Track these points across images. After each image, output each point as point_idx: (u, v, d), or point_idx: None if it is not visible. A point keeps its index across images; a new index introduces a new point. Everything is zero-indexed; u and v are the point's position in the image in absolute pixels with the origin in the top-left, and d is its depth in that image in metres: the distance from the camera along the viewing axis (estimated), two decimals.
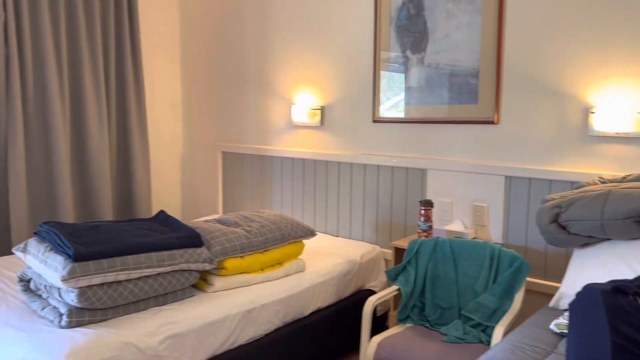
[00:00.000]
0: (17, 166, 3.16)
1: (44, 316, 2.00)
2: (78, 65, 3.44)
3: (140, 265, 2.05)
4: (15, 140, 3.15)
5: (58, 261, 1.93)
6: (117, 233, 2.16)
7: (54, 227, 2.09)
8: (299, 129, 3.54)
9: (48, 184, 3.36)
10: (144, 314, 2.07)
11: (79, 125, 3.50)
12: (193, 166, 4.27)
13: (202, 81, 4.11)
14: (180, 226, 2.39)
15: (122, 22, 3.64)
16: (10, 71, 3.12)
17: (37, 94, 3.28)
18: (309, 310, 2.60)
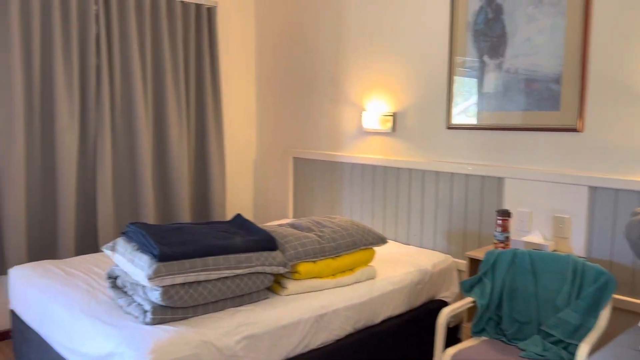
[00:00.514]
0: (105, 169, 3.36)
1: (130, 312, 2.11)
2: (161, 74, 3.62)
3: (219, 267, 2.13)
4: (103, 145, 3.35)
5: (144, 260, 2.03)
6: (198, 235, 2.24)
7: (141, 227, 2.20)
8: (369, 135, 3.53)
9: (132, 187, 3.55)
10: (222, 314, 2.14)
11: (161, 132, 3.67)
12: (265, 171, 4.37)
13: (275, 89, 4.20)
14: (256, 230, 2.45)
15: (201, 34, 3.80)
16: (100, 80, 3.32)
17: (124, 102, 3.48)
18: (380, 318, 2.59)
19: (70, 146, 3.22)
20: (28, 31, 3.04)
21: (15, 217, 3.02)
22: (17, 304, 2.66)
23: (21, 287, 2.61)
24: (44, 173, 3.20)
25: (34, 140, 3.13)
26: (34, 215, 3.17)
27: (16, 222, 3.03)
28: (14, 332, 2.72)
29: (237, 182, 4.34)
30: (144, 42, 3.51)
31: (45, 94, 3.16)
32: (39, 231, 3.21)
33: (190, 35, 3.75)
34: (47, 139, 3.19)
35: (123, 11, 3.40)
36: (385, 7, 3.37)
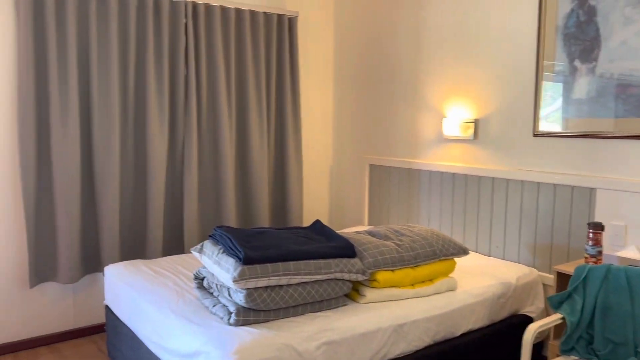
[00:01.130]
0: (191, 174, 3.53)
1: (215, 313, 2.19)
2: (244, 83, 3.75)
3: (300, 272, 2.16)
4: (190, 151, 3.52)
5: (230, 263, 2.11)
6: (280, 240, 2.30)
7: (227, 231, 2.29)
8: (449, 142, 3.46)
9: (215, 191, 3.70)
10: (302, 319, 2.17)
11: (243, 138, 3.80)
12: (341, 178, 4.40)
13: (353, 95, 4.22)
14: (335, 236, 2.47)
15: (282, 42, 3.89)
16: (188, 90, 3.49)
17: (210, 110, 3.63)
18: (460, 331, 2.52)
19: (160, 152, 3.41)
20: (125, 43, 3.25)
21: (110, 219, 3.24)
22: (111, 300, 2.84)
23: (115, 284, 2.79)
24: (135, 178, 3.41)
25: (127, 147, 3.34)
26: (127, 217, 3.38)
27: (111, 223, 3.24)
28: (108, 325, 2.90)
29: (314, 188, 4.40)
30: (229, 53, 3.65)
31: (139, 103, 3.36)
32: (131, 232, 3.41)
33: (272, 45, 3.85)
34: (140, 145, 3.39)
35: (210, 23, 3.56)
36: (467, 11, 3.30)
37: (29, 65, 2.95)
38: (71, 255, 3.13)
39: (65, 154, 3.08)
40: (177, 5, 3.41)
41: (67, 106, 3.07)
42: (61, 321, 3.28)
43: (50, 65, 2.99)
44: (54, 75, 3.01)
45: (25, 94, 2.95)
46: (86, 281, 3.35)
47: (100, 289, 3.41)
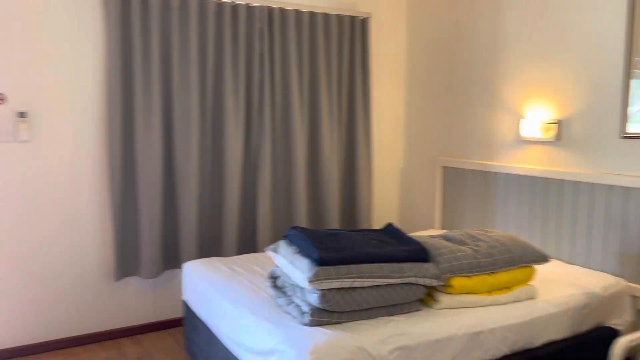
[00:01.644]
0: (265, 175, 3.60)
1: (289, 312, 2.22)
2: (316, 85, 3.79)
3: (373, 275, 2.15)
4: (264, 152, 3.60)
5: (304, 264, 2.13)
6: (353, 242, 2.30)
7: (301, 232, 2.31)
8: (528, 144, 3.32)
9: (287, 192, 3.76)
10: (375, 322, 2.15)
11: (314, 140, 3.84)
12: (412, 180, 4.33)
13: (425, 95, 4.15)
14: (408, 240, 2.44)
15: (355, 44, 3.90)
16: (263, 93, 3.57)
17: (283, 113, 3.70)
18: (539, 341, 2.41)
19: (236, 153, 3.50)
20: (204, 48, 3.37)
21: (189, 217, 3.37)
22: (189, 296, 2.95)
23: (192, 281, 2.90)
24: (212, 178, 3.53)
25: (205, 148, 3.46)
26: (204, 216, 3.50)
27: (189, 222, 3.37)
28: (185, 320, 3.02)
29: (384, 189, 4.37)
30: (302, 55, 3.70)
31: (216, 105, 3.48)
32: (208, 230, 3.53)
33: (344, 46, 3.86)
34: (216, 146, 3.51)
35: (284, 27, 3.62)
36: (548, 5, 3.15)
37: (117, 72, 3.12)
38: (152, 252, 3.29)
39: (148, 155, 3.23)
40: (253, 10, 3.50)
41: (150, 109, 3.22)
42: (142, 314, 3.45)
43: (135, 71, 3.16)
44: (139, 81, 3.17)
45: (113, 98, 3.13)
46: (166, 276, 3.51)
47: (178, 285, 3.56)
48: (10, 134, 2.96)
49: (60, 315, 3.21)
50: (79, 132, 3.16)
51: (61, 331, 3.22)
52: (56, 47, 3.06)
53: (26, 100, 3.00)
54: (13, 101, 2.97)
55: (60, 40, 3.06)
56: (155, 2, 3.17)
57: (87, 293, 3.27)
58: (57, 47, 3.06)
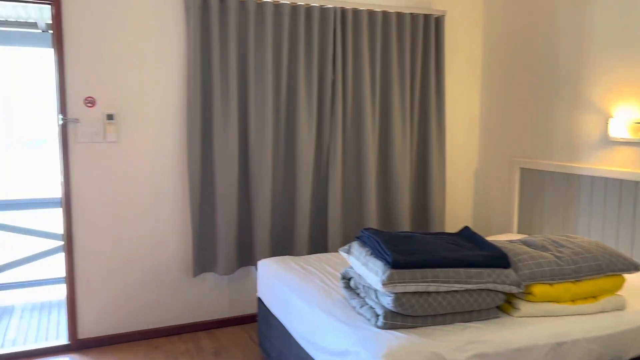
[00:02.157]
0: (336, 176, 3.62)
1: (362, 314, 2.22)
2: (388, 86, 3.75)
3: (449, 280, 2.10)
4: (335, 153, 3.61)
5: (378, 266, 2.12)
6: (428, 245, 2.26)
7: (374, 233, 2.30)
8: (616, 145, 3.12)
9: (358, 193, 3.75)
10: (451, 328, 2.11)
11: (386, 141, 3.81)
12: (487, 182, 4.20)
13: (503, 93, 4.01)
14: (486, 244, 2.37)
15: (428, 43, 3.83)
16: (335, 94, 3.59)
17: (354, 114, 3.70)
18: (629, 355, 2.26)
19: (308, 154, 3.54)
20: (279, 51, 3.43)
21: (263, 216, 3.44)
22: (263, 292, 3.02)
23: (267, 278, 2.96)
24: (285, 178, 3.59)
25: (278, 149, 3.53)
26: (277, 216, 3.57)
27: (263, 221, 3.45)
28: (259, 316, 3.09)
29: (457, 192, 4.26)
30: (374, 56, 3.68)
31: (289, 107, 3.53)
32: (280, 229, 3.60)
33: (418, 45, 3.80)
34: (289, 147, 3.56)
35: (357, 27, 3.62)
36: None
37: (196, 76, 3.24)
38: (228, 249, 3.39)
39: (225, 156, 3.34)
40: (327, 12, 3.52)
41: (228, 111, 3.33)
42: (218, 309, 3.57)
43: (213, 75, 3.27)
44: (217, 84, 3.28)
45: (193, 101, 3.26)
46: (240, 273, 3.61)
47: (252, 282, 3.65)
48: (100, 135, 3.16)
49: (143, 307, 3.38)
50: (161, 133, 3.32)
51: (143, 323, 3.39)
52: (141, 54, 3.22)
53: (113, 104, 3.19)
54: (102, 105, 3.16)
55: (145, 47, 3.23)
56: (233, 8, 3.27)
57: (167, 287, 3.43)
58: (142, 54, 3.22)
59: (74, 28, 3.05)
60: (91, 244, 3.21)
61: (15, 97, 12.98)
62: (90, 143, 3.15)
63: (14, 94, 12.94)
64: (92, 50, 3.10)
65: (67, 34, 3.04)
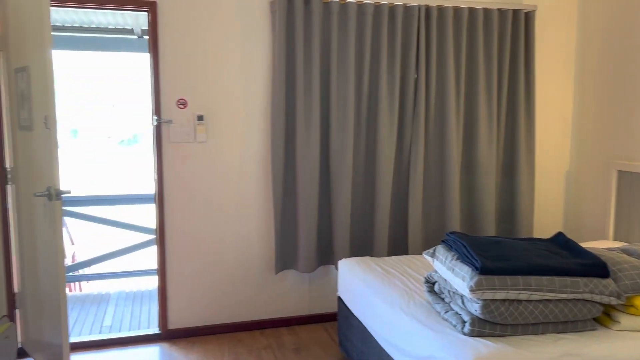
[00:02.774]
0: (417, 177, 3.56)
1: (447, 319, 2.17)
2: (473, 85, 3.64)
3: (542, 288, 2.00)
4: (417, 153, 3.56)
5: (465, 271, 2.06)
6: (519, 251, 2.16)
7: (461, 237, 2.24)
8: None
9: (440, 195, 3.67)
10: (542, 339, 2.01)
11: (470, 141, 3.69)
12: (580, 185, 3.96)
13: (598, 92, 3.76)
14: (582, 252, 2.23)
15: (517, 39, 3.67)
16: (418, 93, 3.53)
17: (437, 114, 3.62)
18: None
19: (389, 154, 3.51)
20: (361, 50, 3.43)
21: (343, 216, 3.46)
22: (344, 292, 3.03)
23: (347, 278, 2.97)
24: (365, 179, 3.58)
25: (359, 149, 3.53)
26: (357, 216, 3.57)
27: (343, 221, 3.46)
28: (339, 316, 3.11)
29: (546, 195, 4.05)
30: (459, 54, 3.59)
31: (371, 107, 3.52)
32: (360, 230, 3.60)
33: (506, 42, 3.65)
34: (370, 147, 3.55)
35: (442, 25, 3.54)
36: None
37: (281, 77, 3.31)
38: (309, 248, 3.44)
39: (307, 157, 3.38)
40: (411, 10, 3.47)
41: (310, 113, 3.37)
42: (298, 306, 3.63)
43: (297, 77, 3.32)
44: (300, 86, 3.33)
45: (277, 104, 3.33)
46: (320, 272, 3.65)
47: (331, 280, 3.68)
48: (191, 136, 3.31)
49: (227, 301, 3.50)
50: (247, 134, 3.42)
51: (227, 316, 3.51)
52: (229, 58, 3.34)
53: (203, 105, 3.33)
54: (192, 106, 3.31)
55: (233, 51, 3.34)
56: (317, 9, 3.30)
57: (250, 283, 3.53)
58: (230, 58, 3.34)
59: (168, 34, 3.22)
60: (181, 238, 3.38)
61: (110, 99, 13.90)
62: (182, 143, 3.31)
63: (109, 96, 13.85)
64: (184, 55, 3.26)
65: (161, 39, 3.21)
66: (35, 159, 2.75)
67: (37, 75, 2.62)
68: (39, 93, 2.61)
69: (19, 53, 2.79)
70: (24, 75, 2.74)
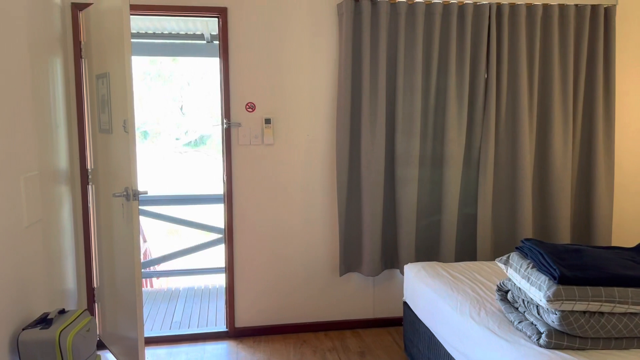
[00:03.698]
0: (486, 180, 3.45)
1: (521, 329, 2.08)
2: (547, 84, 3.49)
3: (627, 300, 1.89)
4: (486, 156, 3.45)
5: (542, 280, 1.97)
6: (601, 260, 2.05)
7: (537, 245, 2.15)
8: None
9: (510, 198, 3.54)
10: (626, 355, 1.89)
11: (544, 143, 3.54)
12: None
13: None
14: None
15: (596, 36, 3.48)
16: (488, 94, 3.43)
17: (508, 114, 3.49)
18: None
19: (457, 157, 3.43)
20: (429, 51, 3.37)
21: (408, 219, 3.40)
22: (410, 297, 2.98)
23: (414, 283, 2.92)
24: (431, 181, 3.50)
25: (425, 152, 3.46)
26: (422, 219, 3.51)
27: (409, 224, 3.41)
28: (405, 321, 3.06)
29: (626, 201, 3.81)
30: (533, 53, 3.44)
31: (438, 108, 3.45)
32: (425, 233, 3.53)
33: (583, 40, 3.47)
34: (437, 149, 3.48)
35: (514, 23, 3.41)
36: None
37: (347, 81, 3.31)
38: (373, 251, 3.41)
39: (372, 159, 3.36)
40: (481, 8, 3.37)
41: (375, 114, 3.34)
42: (362, 309, 3.61)
43: (363, 79, 3.31)
44: (366, 88, 3.31)
45: (343, 106, 3.33)
46: (385, 275, 3.62)
47: (396, 284, 3.63)
48: (259, 138, 3.37)
49: (293, 302, 3.54)
50: (313, 137, 3.44)
51: (293, 316, 3.55)
52: (296, 61, 3.37)
53: (270, 109, 3.38)
54: (260, 110, 3.37)
55: (300, 55, 3.37)
56: (384, 10, 3.27)
57: (315, 284, 3.55)
58: (297, 61, 3.37)
59: (237, 38, 3.29)
60: (248, 238, 3.44)
61: (179, 102, 14.42)
62: (250, 145, 3.37)
63: (178, 99, 14.38)
64: (252, 59, 3.32)
65: (231, 43, 3.29)
66: (114, 161, 2.90)
67: (116, 81, 2.76)
68: (119, 98, 2.75)
69: (101, 60, 2.95)
70: (104, 81, 2.89)
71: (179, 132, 15.85)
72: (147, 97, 14.17)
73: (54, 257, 2.85)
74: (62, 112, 3.03)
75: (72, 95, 3.15)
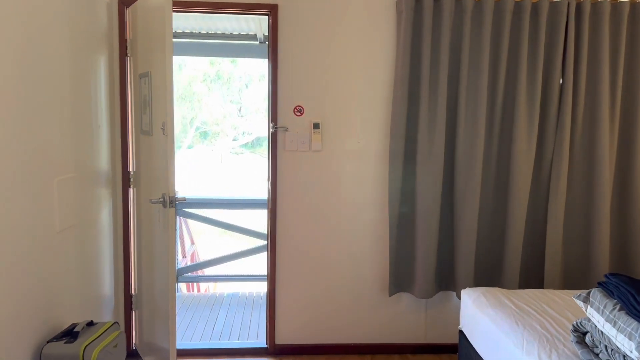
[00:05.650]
0: (558, 198, 3.08)
1: None
2: (633, 90, 3.09)
3: None
4: (559, 171, 3.08)
5: (632, 327, 1.64)
6: None
7: (626, 283, 1.80)
8: None
9: (585, 220, 3.15)
10: None
11: (627, 158, 3.13)
12: None
13: None
14: None
15: None
16: (563, 100, 3.06)
17: (585, 126, 3.11)
18: None
19: (525, 171, 3.08)
20: (497, 53, 3.04)
21: (467, 239, 3.08)
22: (466, 326, 2.68)
23: (471, 310, 2.61)
24: (496, 197, 3.17)
25: (490, 164, 3.13)
26: (483, 239, 3.17)
27: (468, 244, 3.09)
28: (460, 352, 2.75)
29: None
30: (617, 56, 3.05)
31: (506, 117, 3.11)
32: (487, 255, 3.19)
33: None
34: (503, 162, 3.14)
35: (596, 22, 3.03)
36: None
37: (403, 86, 3.03)
38: (426, 271, 3.11)
39: (429, 170, 3.07)
40: (558, 6, 3.01)
41: (435, 122, 3.05)
42: (413, 333, 3.32)
43: (422, 83, 3.02)
44: (425, 93, 3.03)
45: (398, 113, 3.05)
46: (439, 298, 3.30)
47: (451, 309, 3.32)
48: (306, 144, 3.15)
49: (337, 320, 3.29)
50: (364, 144, 3.19)
51: (336, 336, 3.30)
52: (349, 64, 3.13)
53: (320, 113, 3.15)
54: (309, 114, 3.15)
55: (353, 58, 3.13)
56: (448, 8, 2.98)
57: (361, 303, 3.29)
58: (350, 64, 3.13)
59: (288, 37, 3.09)
60: (291, 248, 3.23)
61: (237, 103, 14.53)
62: (297, 151, 3.16)
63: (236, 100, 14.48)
64: (303, 59, 3.11)
65: (281, 43, 3.10)
66: (154, 164, 2.76)
67: (157, 81, 2.62)
68: (159, 99, 2.61)
69: (144, 58, 2.82)
70: (146, 80, 2.76)
71: (236, 133, 16.00)
72: (206, 98, 14.36)
73: (89, 263, 2.74)
74: (105, 112, 2.93)
75: (116, 94, 3.05)
